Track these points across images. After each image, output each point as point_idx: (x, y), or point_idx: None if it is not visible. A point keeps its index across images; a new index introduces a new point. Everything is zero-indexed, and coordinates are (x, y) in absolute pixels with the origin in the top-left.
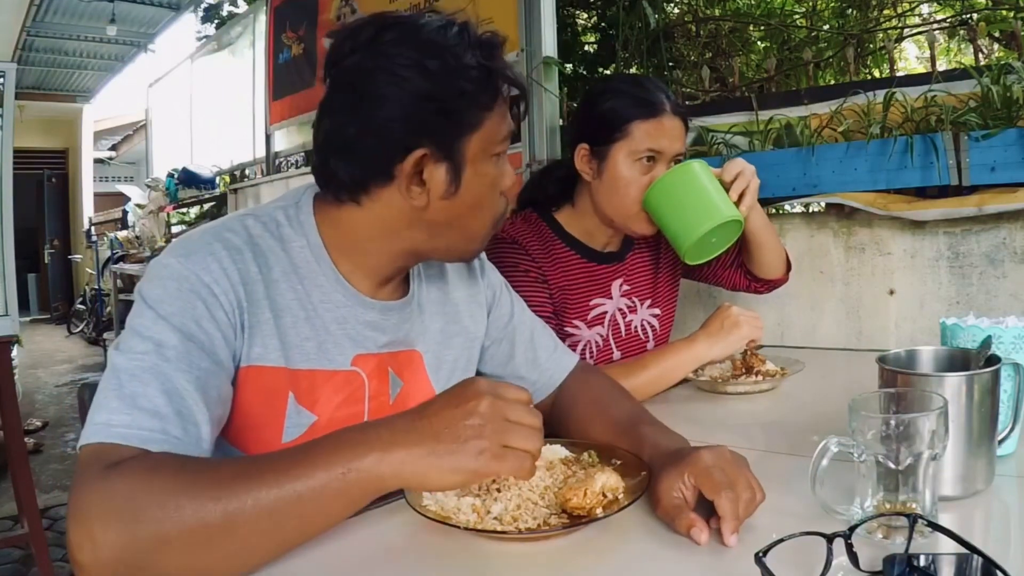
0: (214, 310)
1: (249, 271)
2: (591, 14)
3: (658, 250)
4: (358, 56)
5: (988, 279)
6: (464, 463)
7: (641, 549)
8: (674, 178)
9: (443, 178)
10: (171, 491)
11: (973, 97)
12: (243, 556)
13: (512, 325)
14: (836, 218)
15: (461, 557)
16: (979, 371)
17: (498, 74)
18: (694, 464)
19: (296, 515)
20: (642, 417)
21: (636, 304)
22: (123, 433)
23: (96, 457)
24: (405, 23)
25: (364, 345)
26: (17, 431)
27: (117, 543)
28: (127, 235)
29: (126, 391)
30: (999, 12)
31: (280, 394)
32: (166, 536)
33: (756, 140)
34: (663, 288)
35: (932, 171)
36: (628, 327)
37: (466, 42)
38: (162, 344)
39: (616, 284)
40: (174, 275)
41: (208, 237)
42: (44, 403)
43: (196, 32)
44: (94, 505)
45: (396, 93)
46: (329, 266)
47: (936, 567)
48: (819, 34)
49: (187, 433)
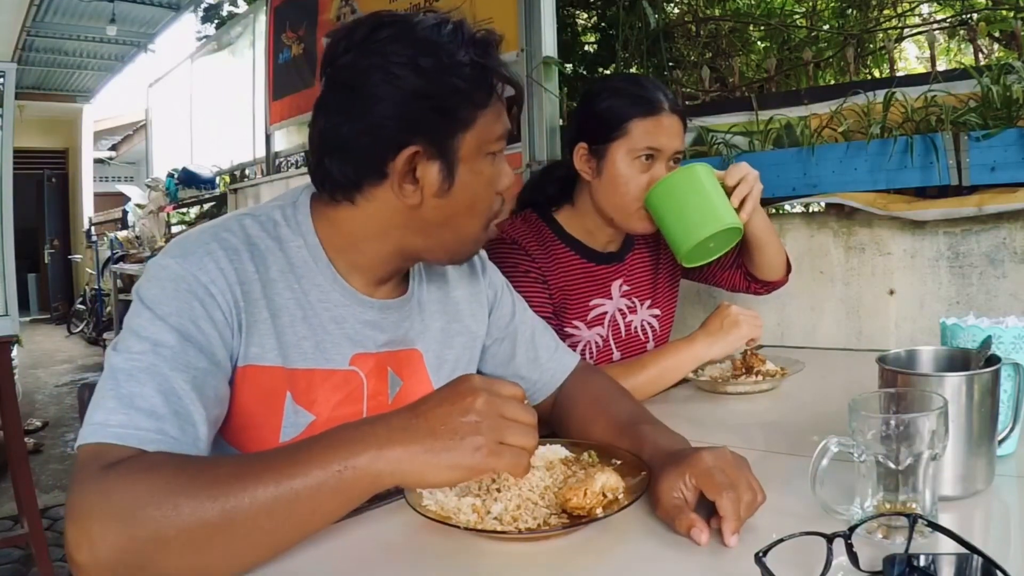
0: (211, 310)
1: (246, 271)
2: (591, 14)
3: (657, 250)
4: (352, 55)
5: (988, 279)
6: (461, 460)
7: (641, 549)
8: (676, 180)
9: (436, 176)
10: (169, 491)
11: (973, 97)
12: (242, 554)
13: (514, 325)
14: (836, 218)
15: (461, 557)
16: (979, 371)
17: (492, 72)
18: (695, 465)
19: (294, 513)
20: (643, 417)
21: (636, 304)
22: (120, 433)
23: (94, 457)
24: (399, 22)
25: (363, 344)
26: (17, 431)
27: (116, 543)
28: (127, 235)
29: (123, 391)
30: (999, 12)
31: (277, 394)
32: (164, 536)
33: (756, 140)
34: (663, 288)
35: (932, 171)
36: (628, 327)
37: (460, 40)
38: (159, 344)
39: (616, 284)
40: (171, 276)
41: (205, 237)
42: (44, 403)
43: (196, 32)
44: (92, 505)
45: (389, 91)
46: (327, 265)
47: (936, 567)
48: (819, 34)
49: (184, 433)
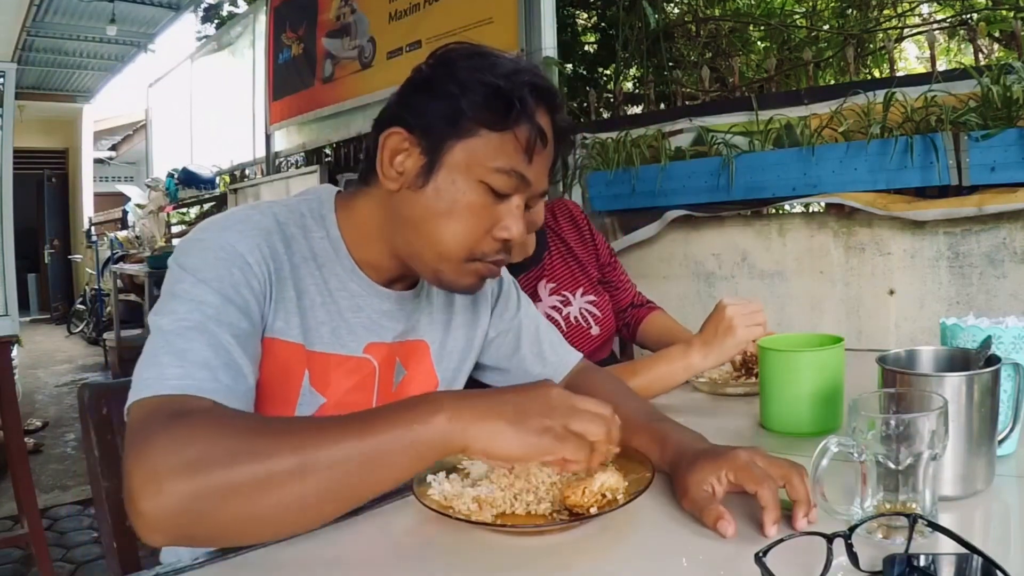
0: (249, 277)
1: (277, 250)
2: (591, 14)
3: (568, 243)
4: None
5: (988, 279)
6: (527, 437)
7: (641, 548)
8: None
9: (415, 167)
10: (245, 439)
11: (973, 97)
12: (305, 508)
13: (518, 318)
14: (836, 218)
15: (464, 548)
16: (979, 371)
17: (522, 106)
18: (733, 460)
19: (367, 468)
20: (659, 415)
21: (568, 297)
22: (178, 384)
23: (156, 409)
24: (494, 53)
25: (378, 334)
26: (17, 431)
27: (186, 491)
28: (127, 235)
29: (175, 348)
30: (999, 12)
31: (296, 370)
32: (235, 482)
33: (756, 140)
34: (591, 275)
35: (932, 171)
36: (567, 319)
37: (511, 70)
38: (204, 304)
39: (541, 285)
40: (211, 246)
41: (239, 216)
42: (44, 403)
43: (196, 32)
44: (163, 454)
45: (415, 80)
46: (346, 256)
47: (936, 567)
48: (819, 34)
49: (237, 382)
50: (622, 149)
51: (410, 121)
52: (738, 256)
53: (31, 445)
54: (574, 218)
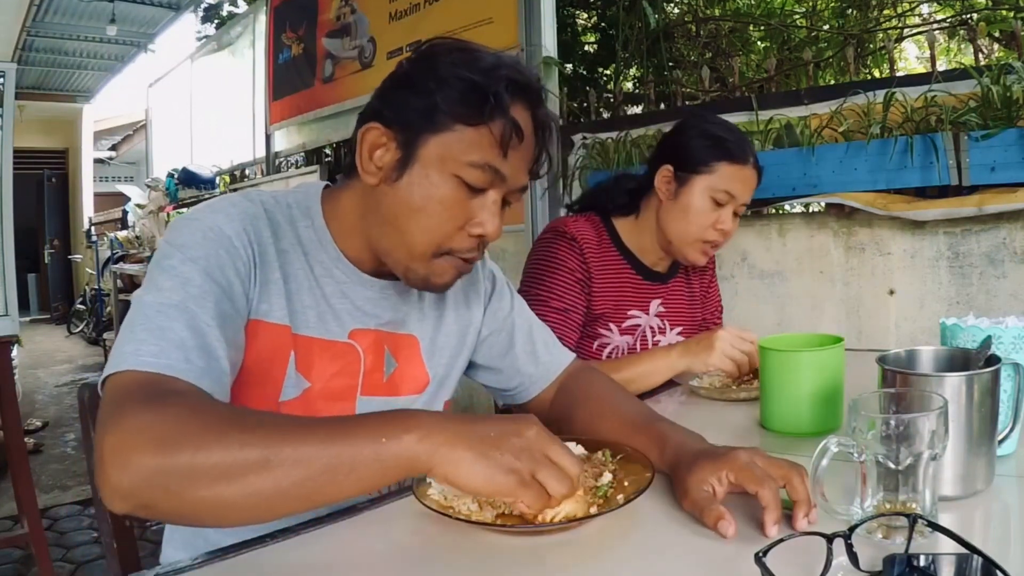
0: (235, 260)
1: (263, 234)
2: (591, 14)
3: (693, 285)
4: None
5: (988, 279)
6: (493, 473)
7: (641, 548)
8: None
9: (391, 160)
10: (215, 426)
11: (973, 97)
12: (267, 500)
13: (511, 317)
14: (836, 218)
15: (465, 547)
16: (979, 371)
17: (496, 101)
18: (733, 461)
19: (329, 471)
20: (657, 416)
21: (666, 327)
22: (151, 362)
23: (135, 384)
24: (477, 48)
25: (362, 320)
26: (17, 431)
27: (151, 466)
28: (127, 235)
29: (154, 324)
30: (999, 12)
31: (282, 353)
32: (200, 466)
33: (756, 140)
34: (695, 320)
35: (932, 171)
36: (655, 345)
37: (490, 65)
38: (188, 281)
39: (655, 303)
40: (199, 226)
41: (229, 201)
42: (44, 403)
43: (196, 32)
44: (136, 429)
45: (397, 74)
46: (331, 244)
47: (936, 567)
48: (819, 34)
49: (210, 366)
50: (622, 149)
51: (388, 116)
52: (738, 256)
53: (31, 445)
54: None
